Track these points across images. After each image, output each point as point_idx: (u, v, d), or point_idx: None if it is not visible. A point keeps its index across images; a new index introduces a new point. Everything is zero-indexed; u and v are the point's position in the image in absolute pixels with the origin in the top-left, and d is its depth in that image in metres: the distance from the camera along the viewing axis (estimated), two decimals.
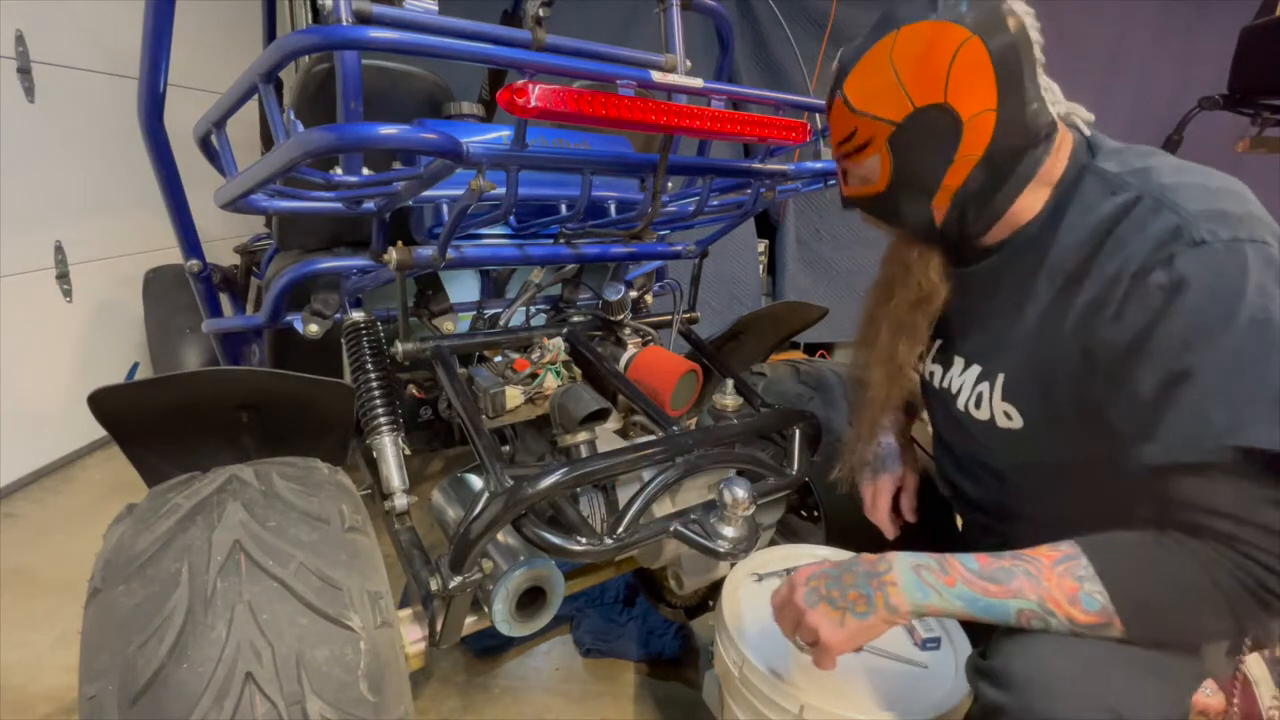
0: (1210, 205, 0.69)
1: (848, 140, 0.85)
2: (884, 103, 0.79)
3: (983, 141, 0.77)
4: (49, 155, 2.19)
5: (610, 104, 0.81)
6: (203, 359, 2.07)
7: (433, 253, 1.03)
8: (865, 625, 0.75)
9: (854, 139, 0.83)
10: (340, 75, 0.87)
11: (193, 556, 0.71)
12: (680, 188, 1.46)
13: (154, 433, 0.93)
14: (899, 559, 0.76)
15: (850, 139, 0.84)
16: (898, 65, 0.77)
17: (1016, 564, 0.72)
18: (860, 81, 0.81)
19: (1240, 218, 0.68)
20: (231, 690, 0.64)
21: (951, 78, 0.75)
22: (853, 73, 0.82)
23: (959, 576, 0.73)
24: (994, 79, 0.75)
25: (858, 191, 0.89)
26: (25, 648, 1.47)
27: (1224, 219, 0.68)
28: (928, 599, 0.73)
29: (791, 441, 1.20)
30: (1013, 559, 0.72)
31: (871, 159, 0.83)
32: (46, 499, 2.12)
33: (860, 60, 0.81)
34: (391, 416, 1.08)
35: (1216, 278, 0.66)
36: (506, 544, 1.04)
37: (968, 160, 0.78)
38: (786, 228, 3.35)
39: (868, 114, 0.81)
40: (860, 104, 0.81)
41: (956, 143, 0.77)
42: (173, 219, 1.31)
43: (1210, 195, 0.71)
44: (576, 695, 1.42)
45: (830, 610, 0.76)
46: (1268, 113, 2.43)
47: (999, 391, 0.87)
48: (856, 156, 0.84)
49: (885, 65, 0.78)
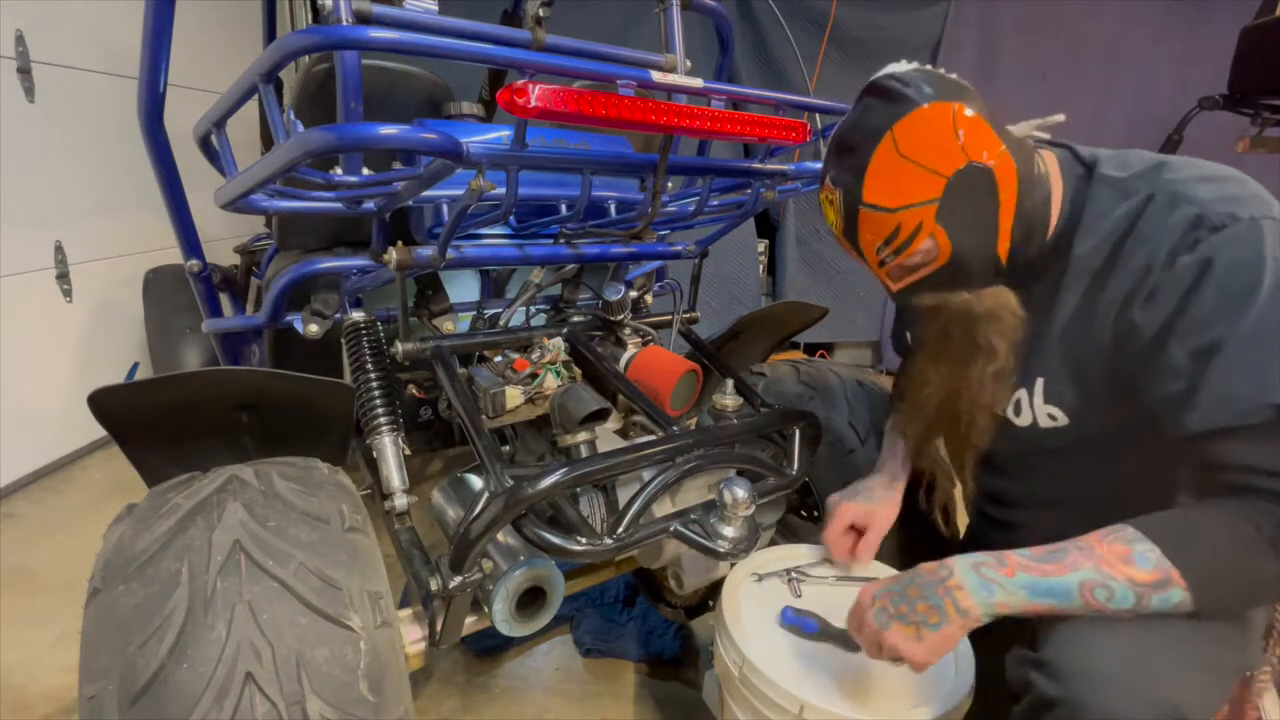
0: (1222, 193, 0.76)
1: (892, 239, 0.85)
2: (918, 189, 0.81)
3: (1013, 177, 0.81)
4: (49, 155, 2.19)
5: (610, 104, 0.81)
6: (203, 359, 2.07)
7: (433, 253, 1.03)
8: (943, 635, 0.76)
9: (899, 234, 0.84)
10: (340, 75, 0.87)
11: (193, 556, 0.71)
12: (680, 188, 1.46)
13: (154, 433, 0.93)
14: (958, 562, 0.78)
15: (894, 237, 0.85)
16: (911, 155, 0.81)
17: (1068, 545, 0.75)
18: (880, 185, 0.83)
19: (1248, 199, 0.75)
20: (231, 690, 0.64)
21: (964, 140, 0.80)
22: (866, 184, 0.83)
23: (1017, 565, 0.75)
24: (989, 125, 0.81)
25: (915, 277, 0.88)
26: (25, 648, 1.47)
27: (1237, 202, 0.74)
28: (994, 595, 0.75)
29: (791, 441, 1.20)
30: (1062, 544, 0.75)
31: (926, 242, 0.84)
32: (46, 499, 2.12)
33: (868, 172, 0.83)
34: (391, 416, 1.08)
35: (1239, 254, 0.72)
36: (506, 544, 1.04)
37: (1010, 199, 0.82)
38: (786, 228, 3.35)
39: (905, 206, 0.82)
40: (892, 202, 0.83)
41: (996, 189, 0.81)
42: (173, 219, 1.31)
43: (1217, 184, 0.77)
44: (576, 695, 1.42)
45: (903, 627, 0.78)
46: (1268, 113, 2.43)
47: (1039, 396, 0.92)
48: (907, 250, 0.85)
49: (898, 161, 0.81)
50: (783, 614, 1.00)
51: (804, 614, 0.99)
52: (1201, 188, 0.77)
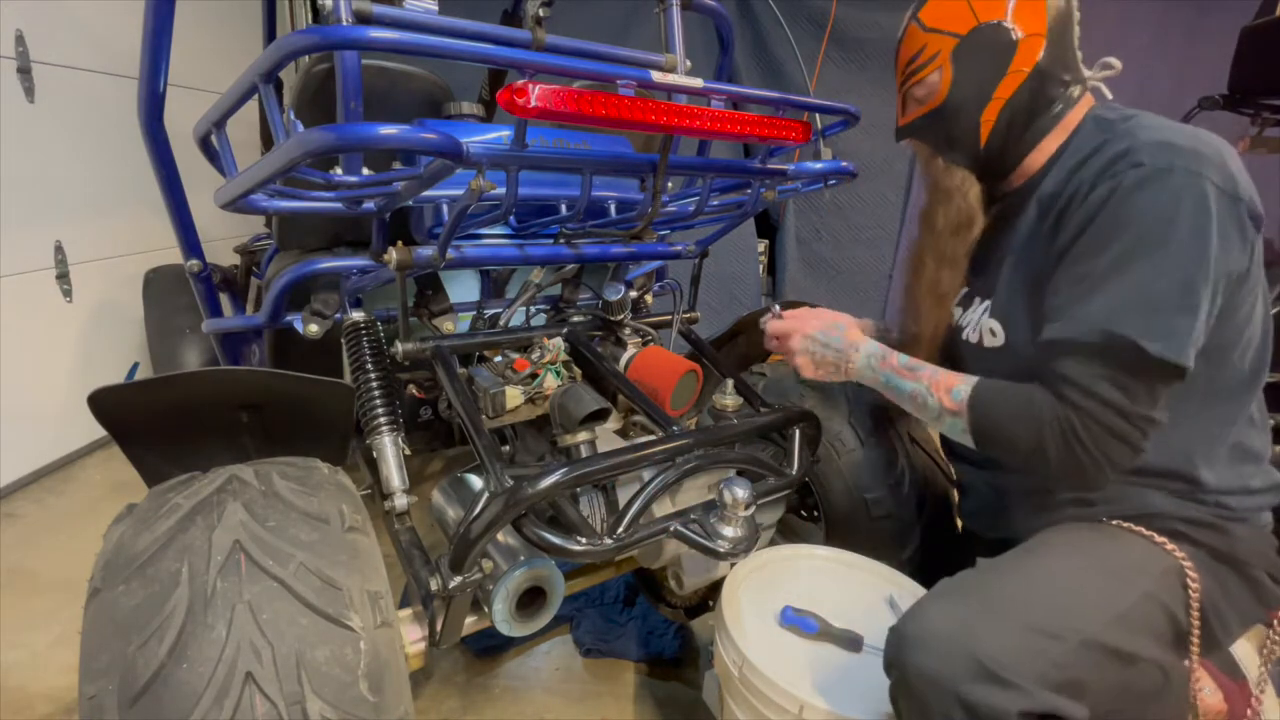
0: (1163, 139, 0.79)
1: (915, 58, 0.97)
2: (953, 19, 0.93)
3: (1032, 59, 0.90)
4: (49, 155, 2.19)
5: (610, 104, 0.81)
6: (203, 359, 2.07)
7: (433, 253, 1.03)
8: (825, 373, 1.09)
9: (921, 55, 0.96)
10: (340, 75, 0.87)
11: (193, 556, 0.71)
12: (680, 188, 1.45)
13: (154, 433, 0.92)
14: (865, 350, 1.03)
15: (917, 57, 0.97)
16: None
17: (928, 366, 0.96)
18: (935, 6, 0.95)
19: (1187, 152, 0.77)
20: (231, 690, 0.64)
21: (1015, 3, 0.89)
22: (929, 2, 0.96)
23: (890, 366, 1.00)
24: (1045, 12, 0.89)
25: (916, 113, 1.01)
26: (25, 648, 1.47)
27: (1171, 149, 0.78)
28: (866, 375, 1.03)
29: (791, 441, 1.20)
30: (927, 364, 0.96)
31: (934, 74, 0.96)
32: (46, 499, 2.12)
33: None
34: (391, 416, 1.08)
35: (1143, 195, 0.77)
36: (506, 544, 1.04)
37: (1018, 75, 0.91)
38: (786, 228, 3.35)
39: (937, 29, 0.94)
40: (932, 22, 0.95)
41: (1010, 56, 0.90)
42: (173, 219, 1.31)
43: (1168, 131, 0.81)
44: (576, 695, 1.42)
45: (808, 360, 1.10)
46: (1268, 113, 2.42)
47: (987, 312, 1.00)
48: (921, 74, 0.97)
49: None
50: (783, 614, 1.00)
51: (804, 614, 0.99)
52: (1149, 132, 0.81)
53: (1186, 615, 0.82)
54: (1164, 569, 0.84)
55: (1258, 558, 0.87)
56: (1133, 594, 0.80)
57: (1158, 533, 0.87)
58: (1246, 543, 0.87)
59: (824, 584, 1.11)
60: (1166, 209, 0.75)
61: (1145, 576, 0.82)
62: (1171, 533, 0.87)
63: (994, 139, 0.94)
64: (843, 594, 1.08)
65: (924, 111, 0.99)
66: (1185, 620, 0.82)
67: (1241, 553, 0.86)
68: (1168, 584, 0.83)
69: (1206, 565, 0.85)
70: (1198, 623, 0.82)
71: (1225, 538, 0.86)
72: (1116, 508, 0.90)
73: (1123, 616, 0.77)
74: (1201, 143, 0.78)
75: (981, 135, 0.95)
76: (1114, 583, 0.81)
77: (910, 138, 1.03)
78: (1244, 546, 0.86)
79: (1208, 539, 0.86)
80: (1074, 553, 0.86)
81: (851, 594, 1.08)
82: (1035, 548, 0.87)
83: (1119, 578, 0.81)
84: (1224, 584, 0.86)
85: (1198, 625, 0.82)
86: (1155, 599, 0.81)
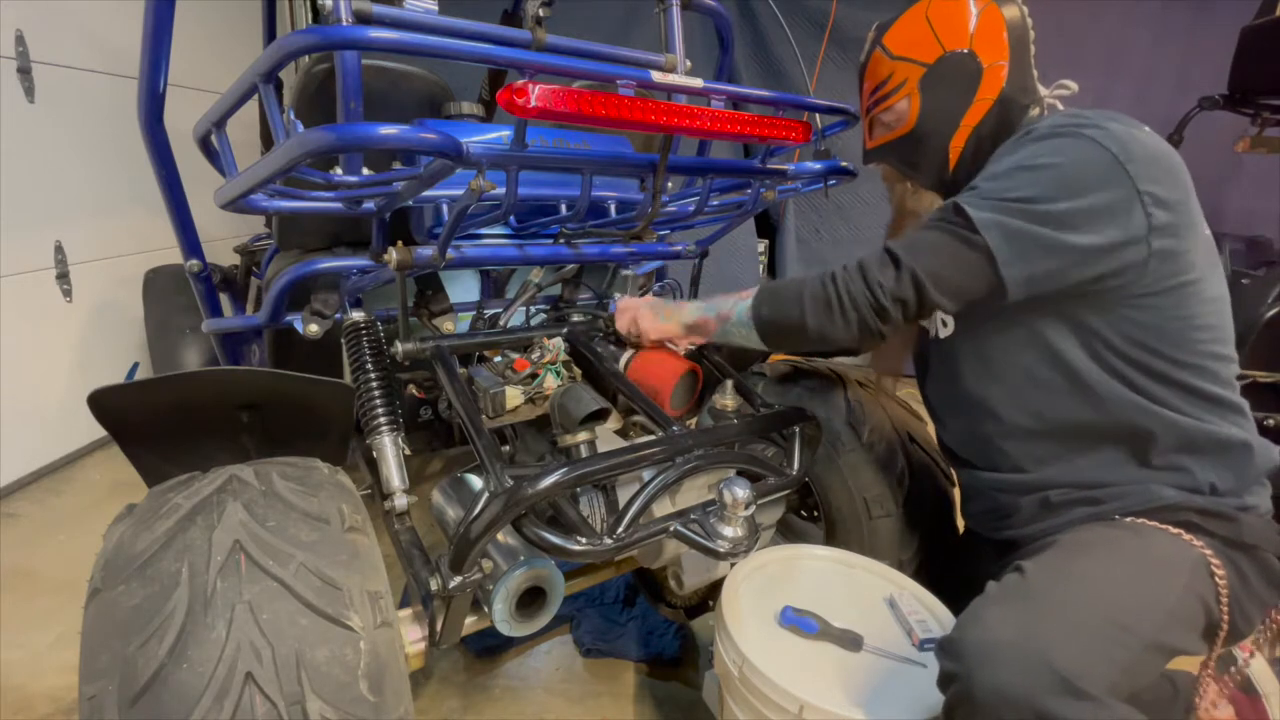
0: (1078, 113, 0.86)
1: (882, 86, 1.00)
2: (919, 47, 0.96)
3: (997, 86, 0.94)
4: (49, 155, 2.19)
5: (610, 104, 0.81)
6: (203, 359, 2.07)
7: (433, 253, 1.03)
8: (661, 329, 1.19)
9: (889, 82, 0.99)
10: (340, 75, 0.87)
11: (193, 556, 0.71)
12: (680, 188, 1.46)
13: (154, 433, 0.93)
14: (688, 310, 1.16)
15: (885, 83, 1.00)
16: (932, 19, 0.95)
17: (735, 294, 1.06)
18: (899, 33, 0.98)
19: (1092, 119, 0.84)
20: (231, 690, 0.64)
21: (976, 31, 0.93)
22: (892, 28, 0.99)
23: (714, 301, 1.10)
24: (1006, 40, 0.93)
25: (885, 138, 1.03)
26: (25, 648, 1.47)
27: (1078, 116, 0.84)
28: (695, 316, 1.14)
29: (791, 441, 1.20)
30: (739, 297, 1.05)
31: (902, 102, 0.98)
32: (46, 499, 2.12)
33: (900, 18, 0.99)
34: (391, 416, 1.08)
35: (1033, 142, 0.85)
36: (506, 544, 1.04)
37: (984, 103, 0.94)
38: (786, 228, 3.35)
39: (904, 58, 0.97)
40: (898, 50, 0.98)
41: (976, 85, 0.94)
42: (173, 219, 1.31)
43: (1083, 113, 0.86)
44: (576, 695, 1.42)
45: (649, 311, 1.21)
46: (1268, 113, 2.42)
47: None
48: (889, 101, 1.00)
49: (921, 19, 0.96)
50: (783, 614, 1.00)
51: (804, 614, 0.99)
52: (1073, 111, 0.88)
53: (1217, 606, 0.82)
54: (1191, 562, 0.83)
55: (1266, 542, 0.87)
56: (1175, 589, 0.79)
57: (1172, 525, 0.86)
58: (1253, 528, 0.87)
59: (824, 584, 1.11)
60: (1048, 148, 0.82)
61: (1179, 571, 0.81)
62: (1186, 524, 0.86)
63: (961, 164, 0.98)
64: (843, 594, 1.08)
65: (892, 137, 1.02)
66: (1217, 611, 0.82)
67: (1250, 538, 0.86)
68: (1198, 576, 0.82)
69: (1223, 554, 0.85)
70: (1227, 614, 0.82)
71: (1234, 525, 0.86)
72: (1124, 503, 0.90)
73: (1172, 613, 0.77)
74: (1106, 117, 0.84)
75: (950, 160, 0.98)
76: (1155, 580, 0.80)
77: (878, 161, 1.07)
78: (1251, 532, 0.86)
79: (1219, 528, 0.86)
80: (1112, 552, 0.84)
81: (851, 594, 1.08)
82: (1072, 550, 0.85)
83: (1158, 575, 0.80)
84: (1241, 571, 0.85)
85: (1226, 615, 0.82)
86: (1193, 592, 0.80)
